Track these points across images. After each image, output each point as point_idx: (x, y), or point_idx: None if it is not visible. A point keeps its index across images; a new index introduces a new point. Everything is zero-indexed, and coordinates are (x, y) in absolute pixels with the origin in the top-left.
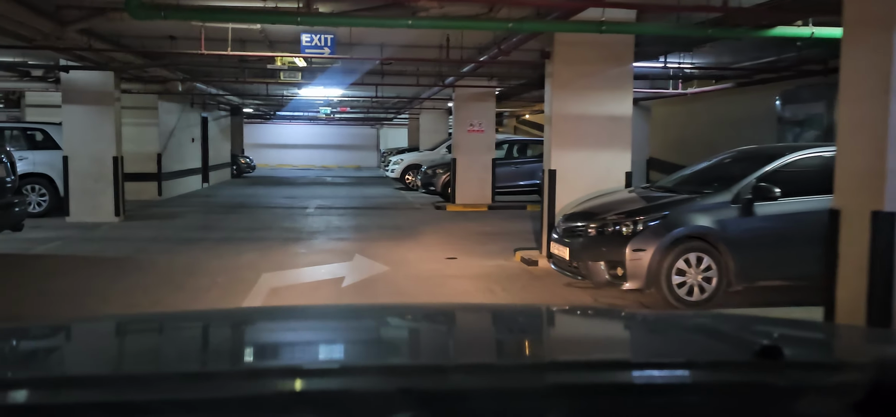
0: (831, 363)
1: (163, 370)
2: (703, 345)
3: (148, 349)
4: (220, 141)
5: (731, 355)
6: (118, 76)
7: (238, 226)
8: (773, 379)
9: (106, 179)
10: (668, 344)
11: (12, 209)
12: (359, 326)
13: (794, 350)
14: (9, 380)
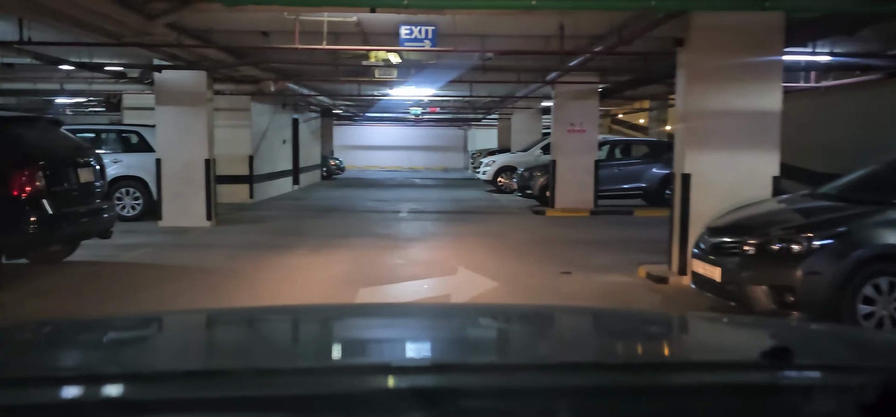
0: (841, 365)
1: (176, 368)
2: (712, 346)
3: (164, 346)
4: (310, 142)
5: (740, 356)
6: (210, 76)
7: (331, 232)
8: (783, 381)
9: (197, 182)
10: (677, 345)
11: (101, 215)
12: (370, 325)
13: (803, 351)
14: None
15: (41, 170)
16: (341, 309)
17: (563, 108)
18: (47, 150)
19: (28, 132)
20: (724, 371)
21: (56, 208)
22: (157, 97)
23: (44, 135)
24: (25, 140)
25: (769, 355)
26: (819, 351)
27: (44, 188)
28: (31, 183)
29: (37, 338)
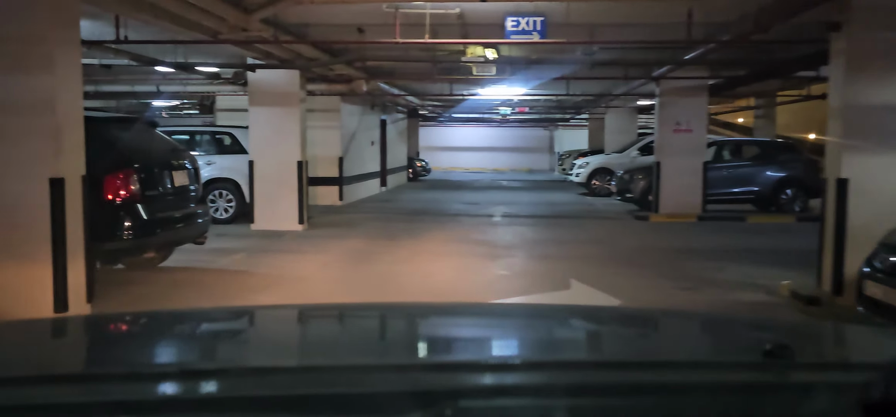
0: (841, 363)
1: (170, 367)
2: (712, 345)
3: (155, 346)
4: (397, 144)
5: (740, 355)
6: (303, 75)
7: (426, 237)
8: (783, 379)
9: (290, 185)
10: (677, 344)
11: (196, 220)
12: (370, 324)
13: (803, 350)
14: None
15: (136, 173)
16: (341, 309)
17: (668, 107)
18: (142, 153)
19: (123, 134)
20: (725, 369)
21: (151, 213)
22: (250, 97)
23: (139, 137)
24: (120, 142)
25: (770, 353)
26: (819, 350)
27: (139, 192)
28: (125, 187)
29: (36, 337)
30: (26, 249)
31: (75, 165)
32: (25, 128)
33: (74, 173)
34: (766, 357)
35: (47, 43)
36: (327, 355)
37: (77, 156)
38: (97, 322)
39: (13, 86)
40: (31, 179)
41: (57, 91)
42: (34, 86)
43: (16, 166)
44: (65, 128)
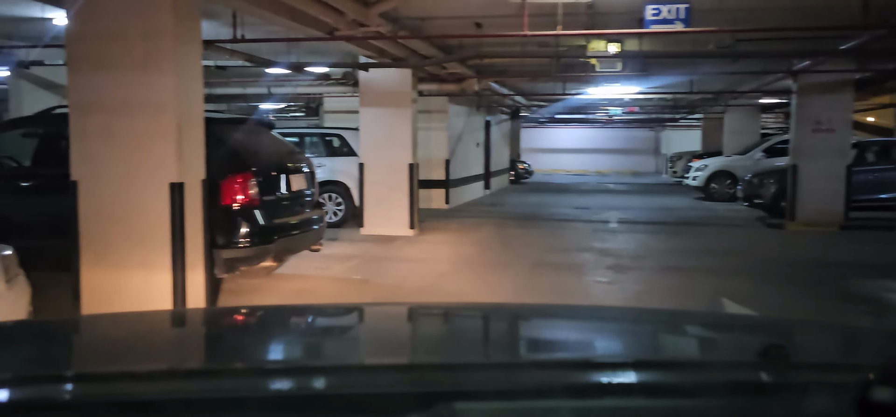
0: (837, 362)
1: (170, 367)
2: (708, 345)
3: (157, 345)
4: (500, 145)
5: (736, 354)
6: (415, 74)
7: (543, 245)
8: (779, 379)
9: (401, 188)
10: (672, 344)
11: (312, 227)
12: (369, 324)
13: (799, 349)
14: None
15: (254, 177)
16: (339, 308)
17: (807, 104)
18: (260, 155)
19: (239, 135)
20: (721, 369)
21: (269, 219)
22: (361, 98)
23: (256, 139)
24: (237, 144)
25: (765, 353)
26: (815, 349)
27: (257, 197)
28: (243, 191)
29: (31, 337)
30: (147, 255)
31: (195, 169)
32: (145, 129)
33: (194, 177)
34: (762, 358)
35: (168, 39)
36: (327, 355)
37: (197, 158)
38: (97, 322)
39: (133, 85)
40: (150, 183)
41: (178, 90)
42: (154, 84)
43: (134, 169)
44: (185, 130)
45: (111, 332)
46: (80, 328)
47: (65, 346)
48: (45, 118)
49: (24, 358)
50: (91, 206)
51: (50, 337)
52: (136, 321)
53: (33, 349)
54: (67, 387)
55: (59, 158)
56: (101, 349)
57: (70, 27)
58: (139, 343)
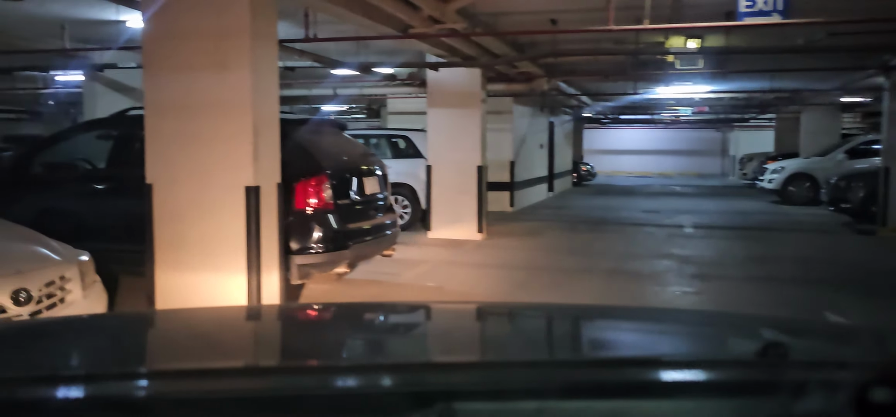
0: (834, 361)
1: (168, 367)
2: (706, 343)
3: (153, 345)
4: (563, 147)
5: (734, 353)
6: (484, 74)
7: (618, 251)
8: (777, 377)
9: (469, 191)
10: (670, 342)
11: (385, 232)
12: (367, 325)
13: (796, 348)
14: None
15: (328, 180)
16: (338, 308)
17: None
18: (333, 157)
19: (312, 136)
20: (717, 368)
21: (343, 224)
22: (429, 99)
23: (328, 140)
24: (310, 146)
25: (763, 352)
26: (812, 348)
27: (331, 201)
28: (317, 195)
29: (28, 337)
30: (221, 260)
31: (271, 171)
32: (220, 130)
33: (270, 180)
34: (760, 355)
35: (245, 36)
36: (326, 354)
37: (273, 161)
38: (93, 322)
39: (209, 85)
40: (225, 186)
41: (254, 90)
42: (230, 84)
43: (209, 172)
44: (261, 131)
45: (106, 332)
46: (76, 328)
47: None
48: (119, 120)
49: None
50: (166, 209)
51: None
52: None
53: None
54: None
55: (134, 160)
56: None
57: (146, 28)
58: (133, 343)
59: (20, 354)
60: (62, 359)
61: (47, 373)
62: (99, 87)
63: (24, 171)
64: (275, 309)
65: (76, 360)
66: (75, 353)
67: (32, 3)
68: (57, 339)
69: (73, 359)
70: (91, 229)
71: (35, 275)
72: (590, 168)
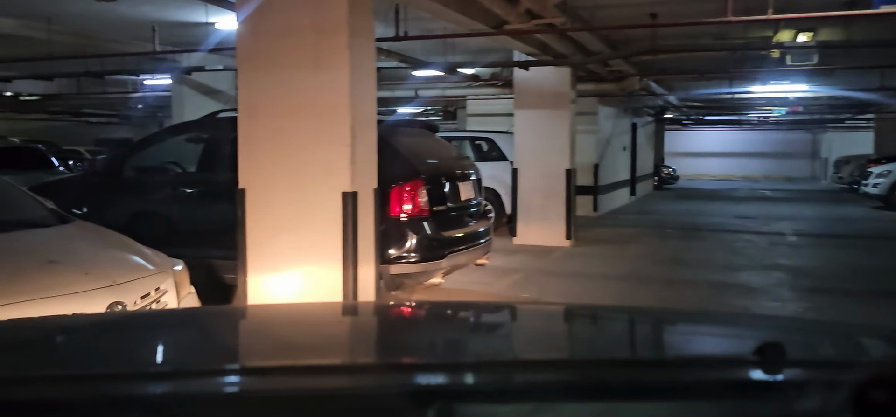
0: (833, 360)
1: (163, 366)
2: (702, 342)
3: (143, 345)
4: (645, 149)
5: (731, 352)
6: (574, 74)
7: (720, 261)
8: (775, 377)
9: (557, 195)
10: (670, 342)
11: (479, 240)
12: (365, 324)
13: (795, 347)
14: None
15: (424, 185)
16: (335, 308)
17: None
18: (428, 161)
19: (405, 139)
20: (715, 367)
21: (438, 232)
22: (515, 99)
23: (422, 143)
24: (404, 149)
25: (760, 351)
26: (811, 347)
27: (427, 207)
28: (412, 201)
29: (26, 337)
30: (316, 269)
31: (368, 176)
32: (316, 133)
33: (367, 185)
34: (756, 355)
35: (342, 34)
36: (324, 354)
37: (369, 165)
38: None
39: (304, 85)
40: (321, 191)
41: (352, 90)
42: (327, 84)
43: (304, 176)
44: (359, 133)
45: (104, 331)
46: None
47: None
48: (209, 122)
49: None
50: (259, 215)
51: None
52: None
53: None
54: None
55: (225, 164)
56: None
57: (240, 27)
58: (131, 343)
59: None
60: (152, 354)
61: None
62: (186, 91)
63: (116, 174)
64: (275, 308)
65: (173, 353)
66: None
67: (124, 6)
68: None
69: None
70: (181, 232)
71: (131, 287)
72: (672, 171)
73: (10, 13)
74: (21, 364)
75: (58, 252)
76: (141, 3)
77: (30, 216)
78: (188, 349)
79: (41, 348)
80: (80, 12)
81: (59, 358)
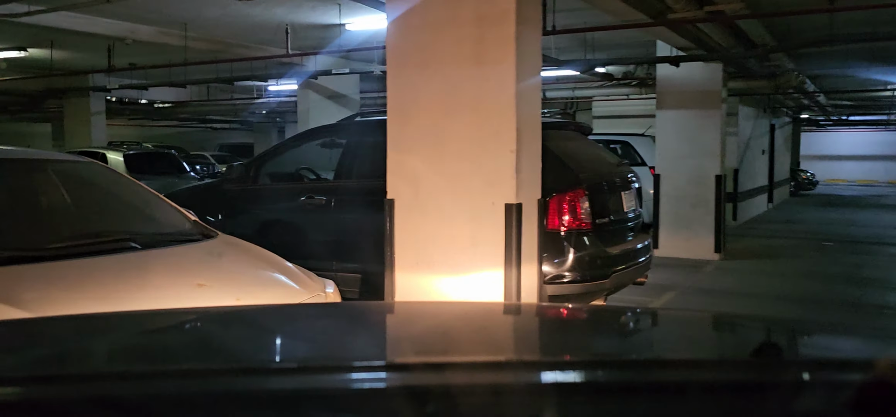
0: (831, 360)
1: (159, 366)
2: (699, 343)
3: (144, 345)
4: (782, 152)
5: (728, 353)
6: (726, 70)
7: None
8: (772, 377)
9: (705, 204)
10: (665, 342)
11: (639, 257)
12: (357, 324)
13: (792, 347)
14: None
15: (586, 194)
16: (335, 308)
17: None
18: (587, 168)
19: (562, 143)
20: (712, 368)
21: (601, 248)
22: (658, 100)
23: (578, 147)
24: (561, 154)
25: (757, 352)
26: (808, 347)
27: (589, 220)
28: (573, 213)
29: (25, 337)
30: (475, 290)
31: (532, 185)
32: (476, 136)
33: (531, 196)
34: (753, 356)
35: (509, 23)
36: (321, 353)
37: (534, 173)
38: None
39: (464, 83)
40: (481, 203)
41: (519, 87)
42: (491, 80)
43: (463, 185)
44: (524, 137)
45: (102, 332)
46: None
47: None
48: (348, 127)
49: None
50: (409, 229)
51: None
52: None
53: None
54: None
55: (366, 171)
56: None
57: (391, 21)
58: (129, 343)
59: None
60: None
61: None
62: (312, 95)
63: (252, 181)
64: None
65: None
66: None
67: (259, 8)
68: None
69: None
70: (318, 245)
71: None
72: (809, 176)
73: (149, 20)
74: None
75: (205, 273)
76: (275, 5)
77: (175, 230)
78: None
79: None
80: (216, 17)
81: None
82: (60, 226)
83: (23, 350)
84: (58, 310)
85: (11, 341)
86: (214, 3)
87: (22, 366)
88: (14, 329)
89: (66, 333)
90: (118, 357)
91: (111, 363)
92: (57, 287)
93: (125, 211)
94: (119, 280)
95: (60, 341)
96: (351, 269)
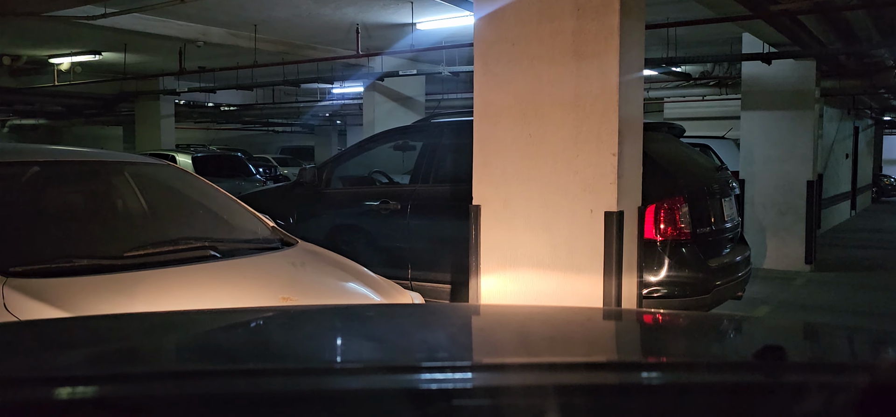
0: (833, 363)
1: (161, 367)
2: (702, 345)
3: (146, 346)
4: (865, 156)
5: (730, 355)
6: (819, 68)
7: None
8: (774, 380)
9: (795, 211)
10: (666, 345)
11: (740, 270)
12: (356, 326)
13: (795, 349)
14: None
15: (686, 202)
16: (334, 309)
17: None
18: (686, 173)
19: (656, 145)
20: (715, 370)
21: (702, 260)
22: (743, 100)
23: (674, 151)
24: (659, 158)
25: (760, 354)
26: (811, 349)
27: (689, 230)
28: (672, 222)
29: (26, 338)
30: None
31: (633, 192)
32: (573, 138)
33: (632, 203)
34: (756, 358)
35: (613, 12)
36: (321, 355)
37: (635, 179)
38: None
39: (560, 79)
40: (578, 210)
41: (622, 84)
42: (591, 77)
43: (558, 191)
44: (626, 139)
45: (102, 333)
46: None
47: None
48: (425, 128)
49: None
50: (496, 238)
51: None
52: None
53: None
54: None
55: (446, 175)
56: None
57: (479, 15)
58: (129, 344)
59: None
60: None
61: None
62: (378, 97)
63: (324, 184)
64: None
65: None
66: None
67: (329, 7)
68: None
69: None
70: (394, 252)
71: None
72: (893, 181)
73: (221, 22)
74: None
75: (288, 285)
76: (345, 5)
77: (256, 237)
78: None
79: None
80: (286, 18)
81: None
82: (137, 233)
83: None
84: None
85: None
86: (286, 4)
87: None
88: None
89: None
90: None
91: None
92: (137, 300)
93: (203, 216)
94: (200, 294)
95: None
96: (426, 279)
